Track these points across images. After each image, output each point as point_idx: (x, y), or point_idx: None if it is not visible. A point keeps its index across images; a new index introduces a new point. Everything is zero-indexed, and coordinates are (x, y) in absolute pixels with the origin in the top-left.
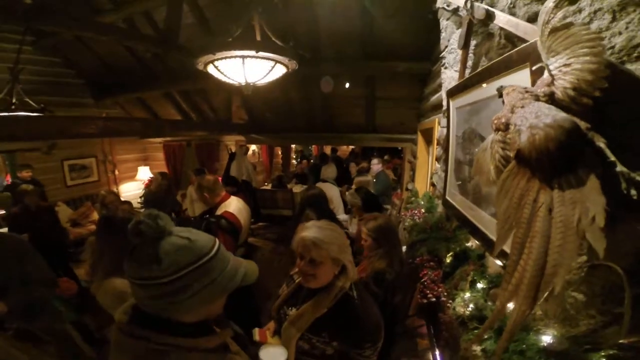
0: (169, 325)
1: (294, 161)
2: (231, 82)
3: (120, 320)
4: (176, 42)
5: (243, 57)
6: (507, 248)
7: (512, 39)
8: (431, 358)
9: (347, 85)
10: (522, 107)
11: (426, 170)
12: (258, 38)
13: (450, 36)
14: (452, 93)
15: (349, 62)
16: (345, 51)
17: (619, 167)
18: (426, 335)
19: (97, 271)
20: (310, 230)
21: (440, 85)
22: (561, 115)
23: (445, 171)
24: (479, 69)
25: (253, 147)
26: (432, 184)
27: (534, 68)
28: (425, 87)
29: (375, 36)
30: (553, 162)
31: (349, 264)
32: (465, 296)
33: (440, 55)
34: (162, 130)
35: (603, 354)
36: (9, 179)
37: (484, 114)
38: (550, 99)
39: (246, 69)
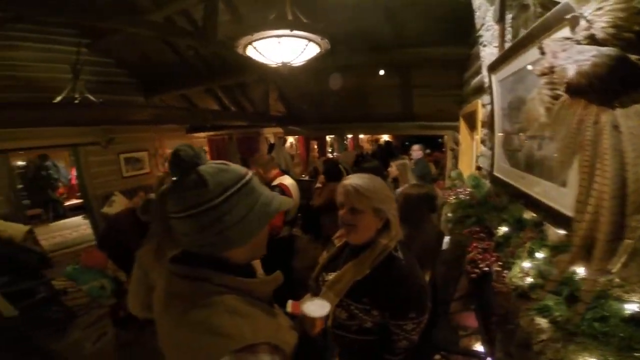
0: (223, 264)
1: (329, 154)
2: (269, 62)
3: (172, 264)
4: (215, 37)
5: (278, 36)
6: (569, 212)
7: (547, 6)
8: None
9: (382, 72)
10: (564, 50)
11: (470, 156)
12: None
13: (485, 14)
14: (493, 67)
15: (381, 50)
16: (377, 40)
17: None
18: (468, 327)
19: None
20: (352, 178)
21: (480, 67)
22: (605, 48)
23: (492, 147)
24: (519, 38)
25: (290, 140)
26: (478, 167)
27: (568, 17)
28: (464, 72)
29: (407, 23)
30: (607, 85)
31: (393, 218)
32: (524, 265)
33: (477, 34)
34: (205, 118)
35: None
36: (74, 172)
37: (530, 78)
38: (592, 41)
39: (282, 48)
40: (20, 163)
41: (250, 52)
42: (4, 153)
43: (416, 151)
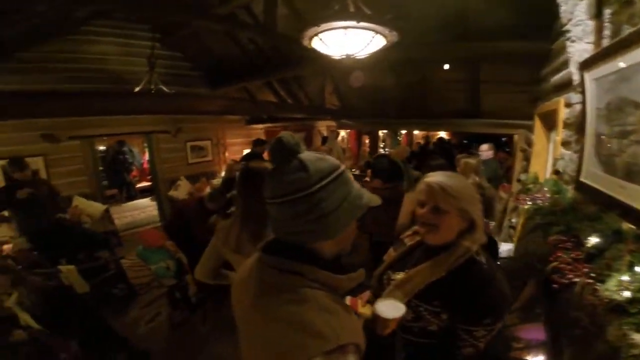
0: (315, 258)
1: (381, 150)
2: (333, 55)
3: (265, 255)
4: (275, 31)
5: (344, 27)
6: None
7: None
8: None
9: (447, 66)
10: None
11: (544, 159)
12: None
13: (574, 8)
14: (587, 64)
15: (448, 43)
16: (443, 32)
17: None
18: (522, 339)
19: (243, 232)
20: (437, 176)
21: (564, 63)
22: None
23: (580, 150)
24: (625, 35)
25: (342, 133)
26: (556, 171)
27: None
28: (542, 68)
29: (476, 15)
30: None
31: (478, 220)
32: (623, 278)
33: (563, 29)
34: (267, 110)
35: None
36: (146, 157)
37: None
38: None
39: (347, 40)
40: (101, 148)
41: (316, 43)
42: (89, 138)
43: (486, 151)
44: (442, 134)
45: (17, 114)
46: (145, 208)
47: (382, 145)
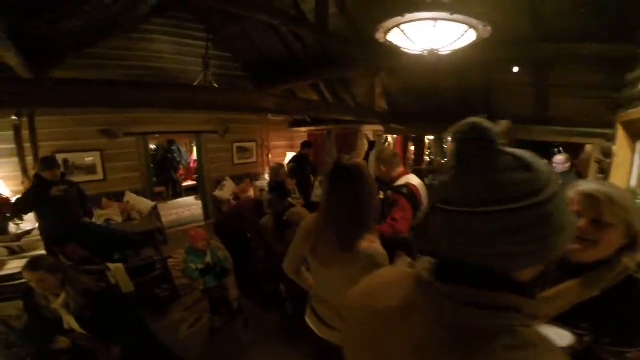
0: (518, 284)
1: (426, 157)
2: (413, 49)
3: (447, 285)
4: (326, 29)
5: (435, 19)
6: None
7: None
8: None
9: (516, 69)
10: None
11: (627, 171)
12: None
13: None
14: None
15: (517, 44)
16: (512, 32)
17: None
18: None
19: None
20: (595, 184)
21: None
22: None
23: None
24: None
25: (388, 139)
26: None
27: None
28: (626, 73)
29: (552, 15)
30: None
31: None
32: None
33: None
34: (318, 110)
35: None
36: (192, 157)
37: None
38: None
39: (435, 33)
40: (152, 146)
41: (394, 36)
42: (144, 135)
43: (562, 163)
44: None
45: (95, 102)
46: (189, 206)
47: (427, 152)
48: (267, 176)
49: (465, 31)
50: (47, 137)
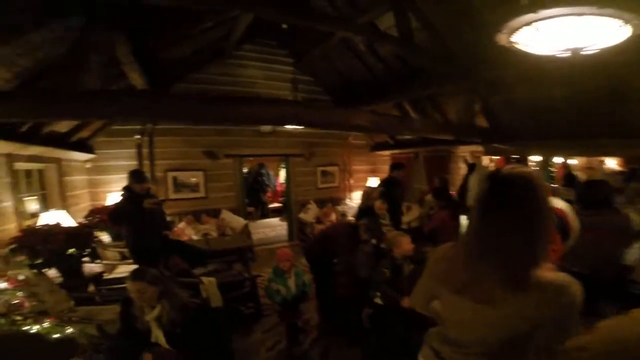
0: None
1: None
2: (549, 50)
3: None
4: (411, 42)
5: (580, 14)
6: None
7: None
8: None
9: None
10: None
11: None
12: None
13: None
14: None
15: None
16: None
17: None
18: None
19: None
20: None
21: None
22: None
23: None
24: None
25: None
26: None
27: None
28: None
29: None
30: None
31: None
32: None
33: None
34: (413, 128)
35: None
36: (279, 180)
37: None
38: None
39: (579, 30)
40: (244, 170)
41: (522, 36)
42: (240, 157)
43: None
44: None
45: (215, 117)
46: (275, 227)
47: None
48: (348, 201)
49: (620, 26)
50: (161, 155)
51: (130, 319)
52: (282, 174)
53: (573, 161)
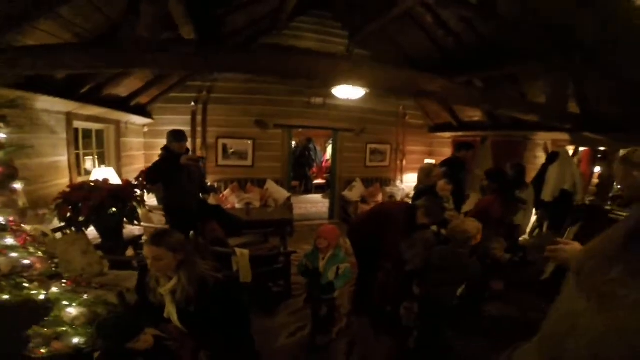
0: None
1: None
2: None
3: None
4: (494, 11)
5: None
6: None
7: None
8: None
9: None
10: None
11: None
12: None
13: None
14: None
15: None
16: None
17: None
18: None
19: None
20: None
21: None
22: None
23: None
24: None
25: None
26: None
27: None
28: None
29: None
30: None
31: None
32: None
33: None
34: (496, 101)
35: None
36: (325, 157)
37: None
38: None
39: None
40: (293, 143)
41: None
42: (289, 128)
43: None
44: None
45: (268, 69)
46: (317, 203)
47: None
48: (398, 183)
49: None
50: (213, 123)
51: (144, 290)
52: (329, 150)
53: None
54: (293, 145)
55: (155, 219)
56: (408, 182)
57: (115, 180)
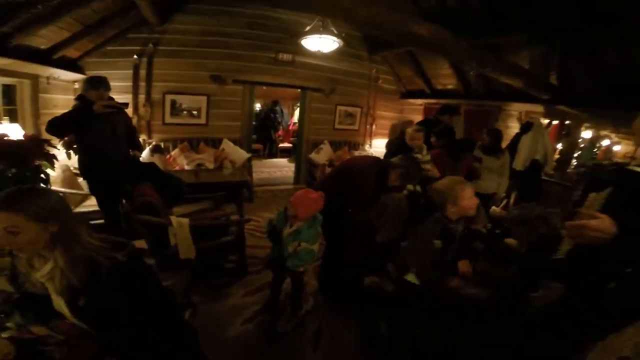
0: None
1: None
2: None
3: None
4: None
5: None
6: None
7: None
8: None
9: None
10: None
11: None
12: None
13: None
14: None
15: None
16: None
17: None
18: None
19: None
20: None
21: None
22: None
23: None
24: None
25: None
26: None
27: None
28: None
29: None
30: None
31: None
32: None
33: None
34: (486, 60)
35: None
36: (292, 120)
37: None
38: None
39: None
40: (257, 106)
41: None
42: (251, 84)
43: None
44: None
45: None
46: (282, 167)
47: (576, 156)
48: (367, 147)
49: None
50: (160, 78)
51: (17, 279)
52: (297, 113)
53: (617, 147)
54: (258, 108)
55: (86, 185)
56: (377, 147)
57: (19, 136)
